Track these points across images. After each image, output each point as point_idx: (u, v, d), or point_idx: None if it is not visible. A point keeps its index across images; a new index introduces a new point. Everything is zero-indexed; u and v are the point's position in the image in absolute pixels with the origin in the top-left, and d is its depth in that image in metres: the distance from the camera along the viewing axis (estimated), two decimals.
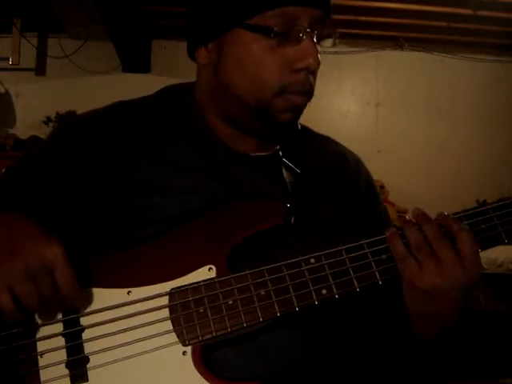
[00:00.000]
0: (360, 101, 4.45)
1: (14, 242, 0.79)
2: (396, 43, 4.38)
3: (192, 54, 0.98)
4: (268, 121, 0.93)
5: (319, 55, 0.89)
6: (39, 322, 0.83)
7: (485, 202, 0.90)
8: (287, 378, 0.87)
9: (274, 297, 0.83)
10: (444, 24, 3.97)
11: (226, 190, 0.93)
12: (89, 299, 0.85)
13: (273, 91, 0.89)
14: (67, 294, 0.79)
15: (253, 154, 0.98)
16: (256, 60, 0.88)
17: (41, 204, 0.94)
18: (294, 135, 1.00)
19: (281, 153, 0.99)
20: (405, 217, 0.87)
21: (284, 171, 0.97)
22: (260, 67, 0.88)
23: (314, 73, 0.91)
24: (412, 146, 4.37)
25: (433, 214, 0.89)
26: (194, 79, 1.04)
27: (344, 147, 1.13)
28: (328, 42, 0.94)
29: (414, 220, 0.85)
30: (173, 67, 4.13)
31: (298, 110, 0.94)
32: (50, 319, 0.82)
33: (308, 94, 0.92)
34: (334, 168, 1.06)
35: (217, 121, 0.97)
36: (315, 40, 0.89)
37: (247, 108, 0.91)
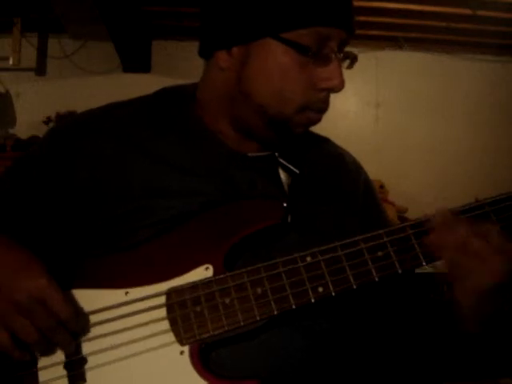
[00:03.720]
0: (360, 101, 4.45)
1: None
2: (396, 43, 4.37)
3: (206, 54, 0.97)
4: (284, 131, 0.94)
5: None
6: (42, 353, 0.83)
7: None
8: (285, 376, 0.87)
9: (270, 295, 0.83)
10: (444, 24, 3.97)
11: (224, 191, 0.93)
12: (87, 300, 0.85)
13: (296, 108, 0.90)
14: (64, 318, 0.79)
15: (251, 155, 0.98)
16: (285, 74, 0.88)
17: (38, 205, 0.94)
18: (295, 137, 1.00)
19: (277, 154, 0.99)
20: (431, 219, 0.86)
21: (281, 171, 0.97)
22: (288, 82, 0.88)
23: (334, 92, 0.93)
24: (412, 146, 4.37)
25: None
26: (193, 79, 1.03)
27: (342, 148, 1.13)
28: (346, 63, 0.95)
29: (444, 222, 0.85)
30: (173, 67, 4.14)
31: (314, 124, 0.96)
32: (53, 349, 0.82)
33: (325, 111, 0.94)
34: (332, 169, 1.06)
35: (220, 123, 0.97)
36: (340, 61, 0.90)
37: (266, 118, 0.92)
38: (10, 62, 3.96)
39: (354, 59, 0.95)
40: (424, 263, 0.86)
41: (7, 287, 0.77)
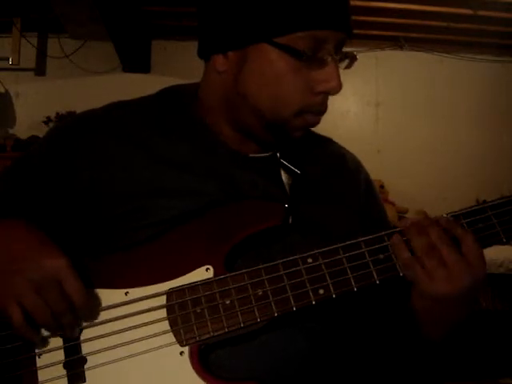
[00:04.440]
0: (360, 101, 4.44)
1: (18, 255, 0.79)
2: (396, 43, 4.37)
3: (204, 56, 0.97)
4: (281, 134, 0.93)
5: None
6: (47, 333, 0.83)
7: (485, 202, 0.89)
8: (285, 378, 0.87)
9: (271, 297, 0.83)
10: (444, 24, 3.96)
11: (225, 192, 0.92)
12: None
13: (293, 111, 0.90)
14: (78, 304, 0.79)
15: (252, 155, 0.98)
16: (280, 78, 0.88)
17: (39, 204, 0.94)
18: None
19: (278, 154, 0.98)
20: (407, 220, 0.86)
21: (283, 172, 0.97)
22: (284, 86, 0.88)
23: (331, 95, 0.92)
24: (412, 145, 4.37)
25: (433, 214, 0.89)
26: (193, 79, 1.03)
27: (344, 148, 1.13)
28: (344, 63, 0.94)
29: (416, 224, 0.85)
30: (173, 67, 4.14)
31: (312, 127, 0.96)
32: (59, 331, 0.82)
33: (324, 113, 0.94)
34: (334, 169, 1.06)
35: (221, 124, 0.97)
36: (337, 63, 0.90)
37: (263, 121, 0.91)
38: (10, 61, 3.95)
39: (353, 59, 0.94)
40: None
41: (26, 264, 0.77)
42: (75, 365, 0.82)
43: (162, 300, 0.84)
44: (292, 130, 0.93)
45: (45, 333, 0.82)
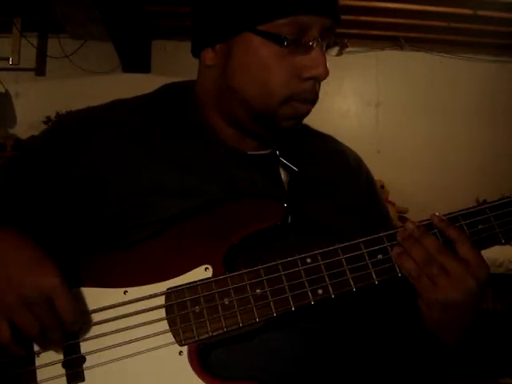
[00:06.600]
0: (360, 101, 4.44)
1: (12, 271, 0.78)
2: (396, 43, 4.37)
3: (196, 53, 0.98)
4: (272, 126, 0.93)
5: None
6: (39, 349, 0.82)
7: (485, 202, 0.89)
8: (284, 378, 0.87)
9: (270, 297, 0.83)
10: (444, 24, 3.96)
11: (225, 190, 0.92)
12: (85, 299, 0.84)
13: (280, 99, 0.90)
14: (68, 321, 0.79)
15: (251, 153, 0.98)
16: (265, 66, 0.88)
17: (38, 199, 0.94)
18: (292, 134, 1.00)
19: (278, 152, 0.98)
20: (402, 230, 0.86)
21: (282, 170, 0.97)
22: (269, 74, 0.88)
23: (319, 81, 0.92)
24: (412, 145, 4.37)
25: None
26: (194, 79, 1.04)
27: (344, 145, 1.13)
28: (334, 50, 0.94)
29: (409, 237, 0.85)
30: (173, 67, 4.13)
31: (303, 116, 0.95)
32: (51, 345, 0.82)
33: (314, 101, 0.93)
34: (334, 166, 1.06)
35: (218, 120, 0.97)
36: (324, 49, 0.89)
37: (252, 112, 0.92)
38: (10, 61, 3.95)
39: (343, 46, 0.94)
40: None
41: (19, 280, 0.77)
42: (74, 364, 0.82)
43: (161, 300, 0.84)
44: (281, 119, 0.92)
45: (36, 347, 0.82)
